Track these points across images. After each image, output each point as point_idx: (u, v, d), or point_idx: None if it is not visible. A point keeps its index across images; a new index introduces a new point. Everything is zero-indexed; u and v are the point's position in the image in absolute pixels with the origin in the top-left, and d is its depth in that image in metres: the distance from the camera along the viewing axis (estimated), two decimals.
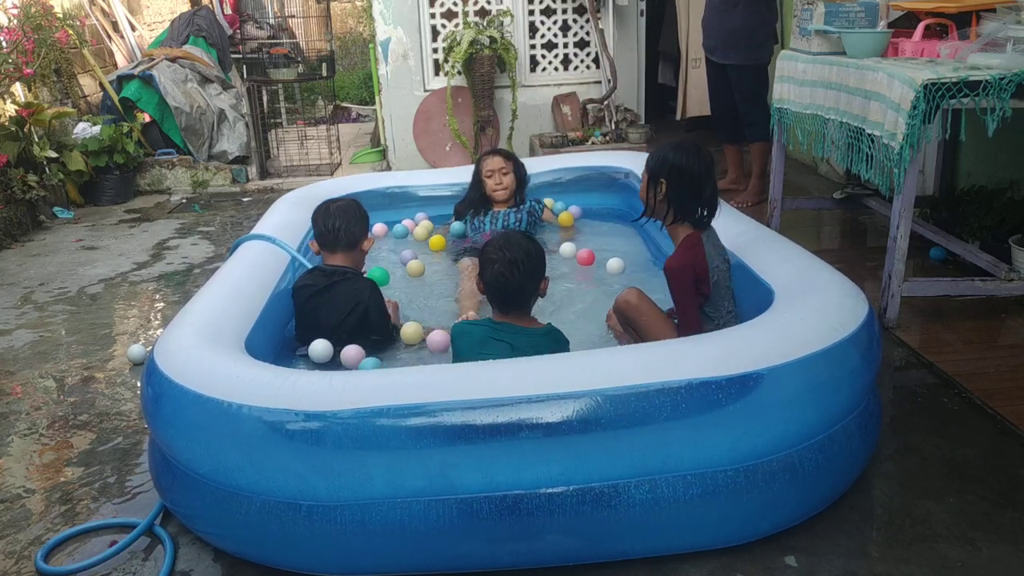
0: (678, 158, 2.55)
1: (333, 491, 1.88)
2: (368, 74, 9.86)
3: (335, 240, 2.88)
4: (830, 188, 5.20)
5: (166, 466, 2.17)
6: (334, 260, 2.90)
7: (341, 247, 2.89)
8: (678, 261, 2.55)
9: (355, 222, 2.90)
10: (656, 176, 2.58)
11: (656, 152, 2.62)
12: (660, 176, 2.57)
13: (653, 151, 2.65)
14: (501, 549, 1.93)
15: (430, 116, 6.72)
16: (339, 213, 2.89)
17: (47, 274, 4.52)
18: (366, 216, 2.98)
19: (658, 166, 2.58)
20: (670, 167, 2.55)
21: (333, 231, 2.87)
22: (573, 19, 6.79)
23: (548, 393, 1.86)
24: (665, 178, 2.56)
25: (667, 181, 2.55)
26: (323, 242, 2.91)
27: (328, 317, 2.81)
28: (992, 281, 3.28)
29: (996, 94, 2.81)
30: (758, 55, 4.99)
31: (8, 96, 5.60)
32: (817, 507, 2.11)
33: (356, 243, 2.91)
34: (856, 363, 2.14)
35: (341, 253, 2.90)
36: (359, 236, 2.92)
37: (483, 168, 3.95)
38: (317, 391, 1.91)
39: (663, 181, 2.56)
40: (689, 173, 2.54)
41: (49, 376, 3.24)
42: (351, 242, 2.89)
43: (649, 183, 2.60)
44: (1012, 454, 2.39)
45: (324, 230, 2.89)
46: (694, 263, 2.53)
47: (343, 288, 2.83)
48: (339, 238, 2.87)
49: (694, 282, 2.52)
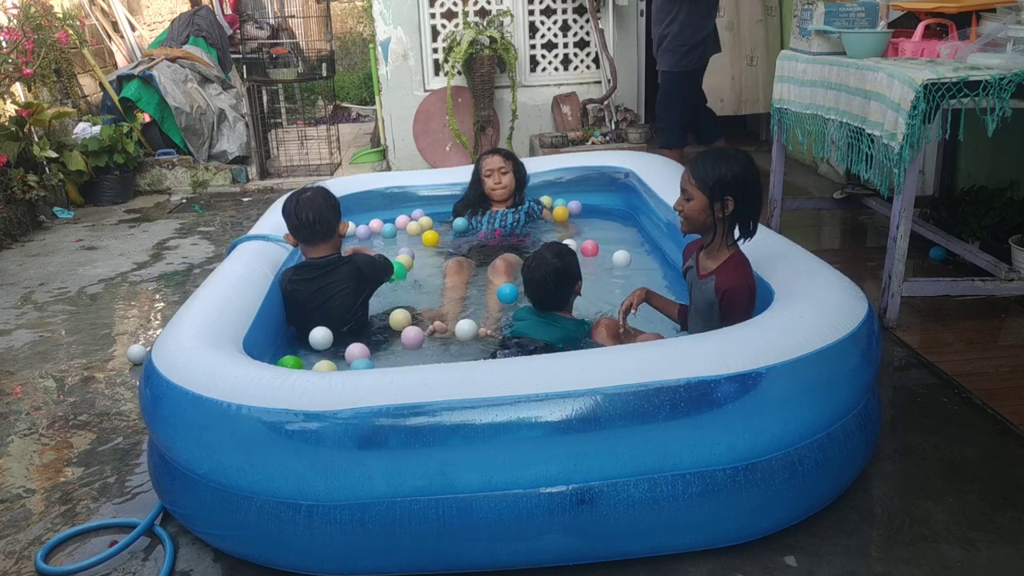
0: (742, 172, 2.38)
1: (332, 491, 1.88)
2: (368, 74, 9.86)
3: (312, 233, 2.90)
4: (830, 188, 5.21)
5: (165, 467, 2.16)
6: (317, 252, 2.92)
7: (319, 239, 2.91)
8: (741, 280, 2.42)
9: (327, 211, 2.91)
10: (721, 194, 2.39)
11: (709, 167, 2.41)
12: (726, 194, 2.38)
13: (700, 165, 2.43)
14: (500, 549, 1.93)
15: (430, 116, 6.72)
16: (309, 205, 2.88)
17: (47, 274, 4.52)
18: (336, 201, 2.98)
19: (721, 183, 2.38)
20: (735, 183, 2.38)
21: (308, 224, 2.87)
22: (573, 19, 6.79)
23: (548, 392, 1.86)
24: (732, 195, 2.38)
25: (734, 198, 2.39)
26: (300, 236, 2.93)
27: (342, 304, 2.87)
28: (992, 281, 3.28)
29: (996, 94, 2.81)
30: (684, 62, 5.05)
31: (8, 96, 5.60)
32: (817, 506, 2.11)
33: (333, 231, 2.94)
34: (855, 362, 2.14)
35: (321, 244, 2.92)
36: (334, 223, 2.94)
37: (483, 167, 3.95)
38: (316, 391, 1.91)
39: (729, 199, 2.38)
40: (755, 188, 2.41)
41: (49, 376, 3.24)
42: (328, 231, 2.92)
43: (711, 202, 2.41)
44: (1012, 454, 2.39)
45: (298, 224, 2.89)
46: (752, 282, 2.46)
47: (346, 274, 2.87)
48: (316, 231, 2.89)
49: (752, 300, 2.45)
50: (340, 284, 2.88)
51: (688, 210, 2.46)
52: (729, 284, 2.42)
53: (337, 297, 2.86)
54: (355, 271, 2.92)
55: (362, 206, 4.36)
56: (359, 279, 2.92)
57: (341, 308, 2.87)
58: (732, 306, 2.40)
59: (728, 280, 2.42)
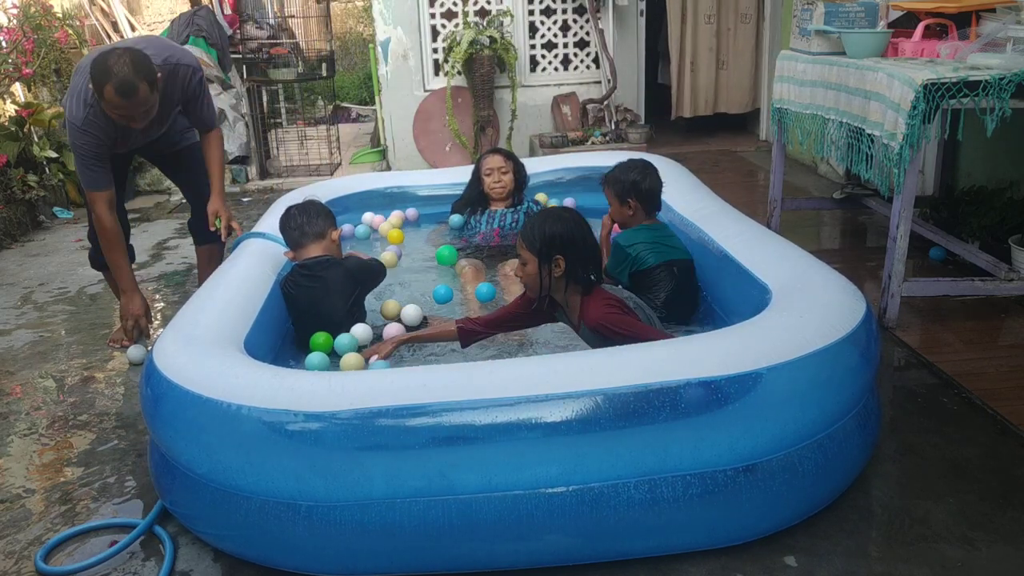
0: (569, 230, 2.38)
1: (332, 491, 1.88)
2: (368, 74, 9.86)
3: (301, 234, 2.97)
4: (830, 188, 5.21)
5: (166, 467, 2.17)
6: (308, 253, 2.97)
7: (309, 239, 2.97)
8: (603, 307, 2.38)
9: (315, 215, 3.00)
10: (550, 254, 2.37)
11: (536, 228, 2.39)
12: (555, 253, 2.37)
13: (527, 228, 2.42)
14: (500, 549, 1.93)
15: (430, 116, 6.72)
16: (299, 212, 3.00)
17: (47, 274, 4.52)
18: (328, 211, 3.07)
19: (548, 243, 2.36)
20: (563, 241, 2.36)
21: (297, 228, 2.97)
22: (573, 19, 6.80)
23: (548, 393, 1.86)
24: (562, 254, 2.37)
25: (564, 256, 2.38)
26: (292, 241, 3.00)
27: (333, 304, 2.88)
28: (992, 281, 3.28)
29: (996, 94, 2.81)
30: None
31: (8, 96, 5.60)
32: (817, 507, 2.10)
33: (323, 233, 2.97)
34: (855, 362, 2.14)
35: (313, 244, 2.96)
36: (324, 227, 2.99)
37: (483, 166, 3.95)
38: (316, 392, 1.91)
39: (559, 258, 2.37)
40: (585, 243, 2.41)
41: (49, 376, 3.24)
42: (318, 232, 2.97)
43: (540, 263, 2.38)
44: (1012, 454, 2.39)
45: (288, 229, 3.00)
46: (614, 297, 2.43)
47: (334, 274, 2.90)
48: (304, 232, 2.97)
49: (628, 310, 2.43)
50: (329, 285, 2.89)
51: (525, 275, 2.44)
52: (596, 318, 2.37)
53: (326, 299, 2.87)
54: (344, 273, 2.93)
55: (362, 206, 4.37)
56: (348, 281, 2.94)
57: (331, 309, 2.87)
58: (615, 330, 2.34)
59: (593, 315, 2.39)
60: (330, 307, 2.86)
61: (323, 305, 2.86)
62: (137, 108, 2.81)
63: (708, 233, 3.13)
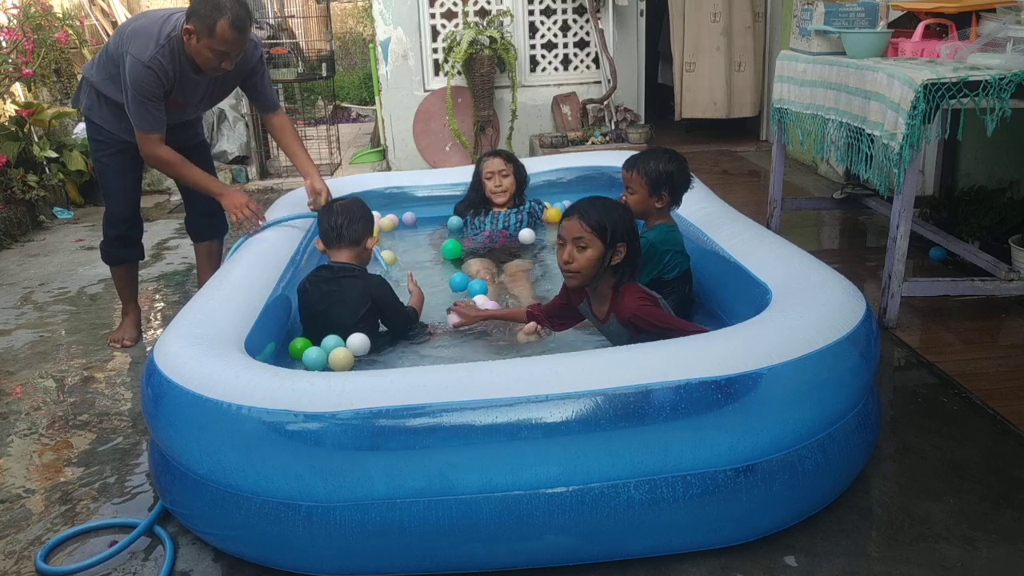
0: (631, 218, 2.38)
1: (332, 492, 1.88)
2: (368, 74, 9.86)
3: (338, 236, 2.92)
4: (830, 188, 5.21)
5: (166, 467, 2.17)
6: (339, 256, 2.93)
7: (344, 243, 2.92)
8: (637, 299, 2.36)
9: (358, 220, 2.94)
10: (614, 242, 2.33)
11: (603, 214, 2.34)
12: (619, 241, 2.33)
13: (593, 212, 2.35)
14: (500, 549, 1.94)
15: (430, 116, 6.72)
16: (342, 211, 2.94)
17: (47, 274, 4.52)
18: (370, 215, 3.03)
19: (615, 230, 2.32)
20: (628, 230, 2.35)
21: (336, 228, 2.92)
22: (573, 19, 6.80)
23: (548, 393, 1.86)
24: (625, 242, 2.35)
25: (627, 245, 2.36)
26: (327, 239, 2.95)
27: (341, 315, 2.83)
28: (992, 281, 3.28)
29: (996, 94, 2.82)
30: None
31: (8, 96, 5.60)
32: (817, 507, 2.11)
33: (359, 240, 2.94)
34: (854, 362, 2.14)
35: (346, 249, 2.93)
36: (362, 233, 2.95)
37: (483, 170, 3.95)
38: (316, 392, 1.91)
39: (622, 245, 2.34)
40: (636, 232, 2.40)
41: (49, 376, 3.24)
42: (354, 238, 2.92)
43: (605, 251, 2.33)
44: (1012, 454, 2.39)
45: (327, 227, 2.94)
46: (646, 291, 2.42)
47: (352, 285, 2.85)
48: (342, 235, 2.92)
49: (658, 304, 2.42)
50: (344, 295, 2.84)
51: (582, 260, 2.35)
52: (632, 310, 2.34)
53: (338, 305, 2.84)
54: (363, 287, 2.85)
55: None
56: (364, 298, 2.84)
57: (340, 318, 2.83)
58: (652, 323, 2.33)
59: (629, 307, 2.35)
60: (339, 316, 2.83)
61: (332, 312, 2.84)
62: (242, 46, 2.97)
63: (708, 233, 3.13)
